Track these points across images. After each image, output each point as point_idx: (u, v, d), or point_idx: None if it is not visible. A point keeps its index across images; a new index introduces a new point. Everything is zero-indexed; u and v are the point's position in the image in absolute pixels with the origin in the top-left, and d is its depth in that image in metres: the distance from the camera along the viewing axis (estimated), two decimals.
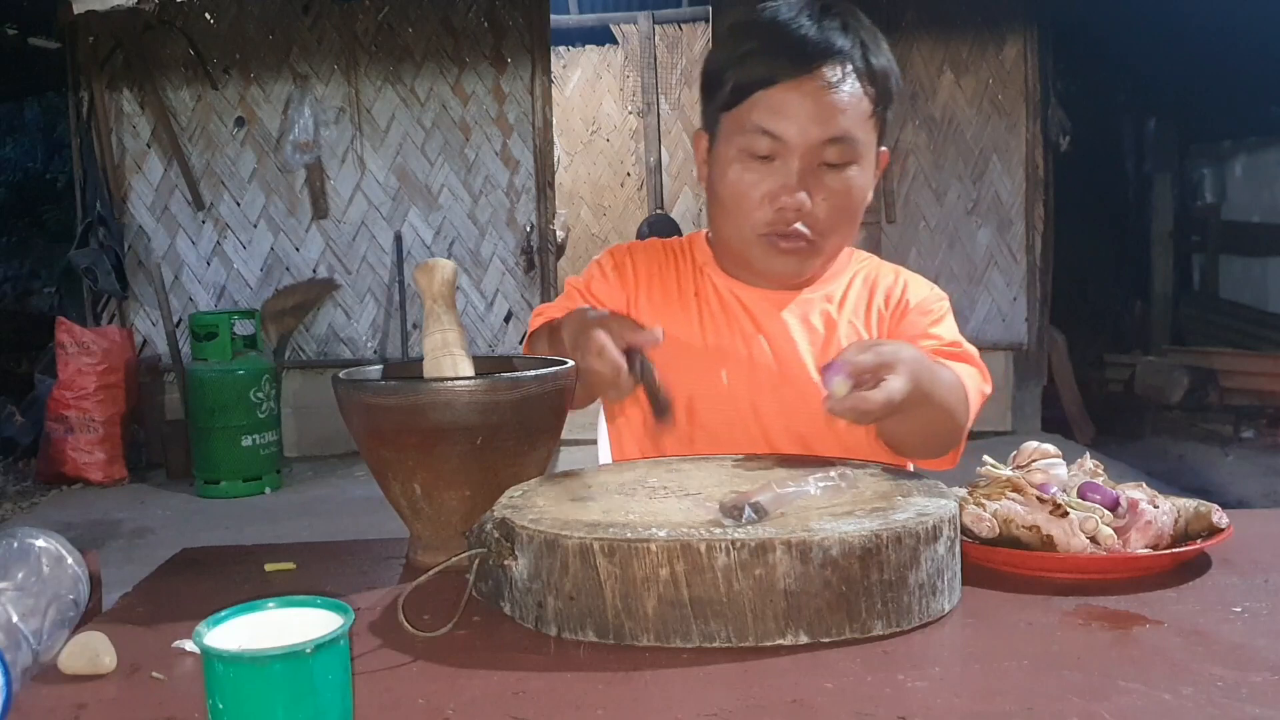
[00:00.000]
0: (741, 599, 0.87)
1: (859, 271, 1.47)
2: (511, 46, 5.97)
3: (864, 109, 1.30)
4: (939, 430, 1.28)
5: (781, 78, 1.27)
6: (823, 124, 1.27)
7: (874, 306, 1.44)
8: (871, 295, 1.45)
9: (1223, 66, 6.43)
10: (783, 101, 1.27)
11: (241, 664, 0.69)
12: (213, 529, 4.61)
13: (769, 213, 1.31)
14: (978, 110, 6.08)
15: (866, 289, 1.45)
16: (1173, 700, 0.77)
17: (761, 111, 1.28)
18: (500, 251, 6.08)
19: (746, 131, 1.29)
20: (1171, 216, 7.97)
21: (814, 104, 1.27)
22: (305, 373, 5.93)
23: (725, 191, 1.34)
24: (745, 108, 1.29)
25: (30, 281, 8.55)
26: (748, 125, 1.29)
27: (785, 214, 1.30)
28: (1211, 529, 1.09)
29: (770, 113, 1.28)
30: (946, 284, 6.13)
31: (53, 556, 0.97)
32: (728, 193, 1.34)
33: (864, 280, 1.46)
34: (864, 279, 1.46)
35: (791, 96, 1.27)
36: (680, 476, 1.13)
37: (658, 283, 1.46)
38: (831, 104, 1.27)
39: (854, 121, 1.29)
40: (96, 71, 5.78)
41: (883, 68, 1.31)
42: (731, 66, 1.32)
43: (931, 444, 1.32)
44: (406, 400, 1.09)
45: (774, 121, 1.27)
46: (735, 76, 1.30)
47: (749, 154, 1.30)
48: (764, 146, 1.29)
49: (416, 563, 1.16)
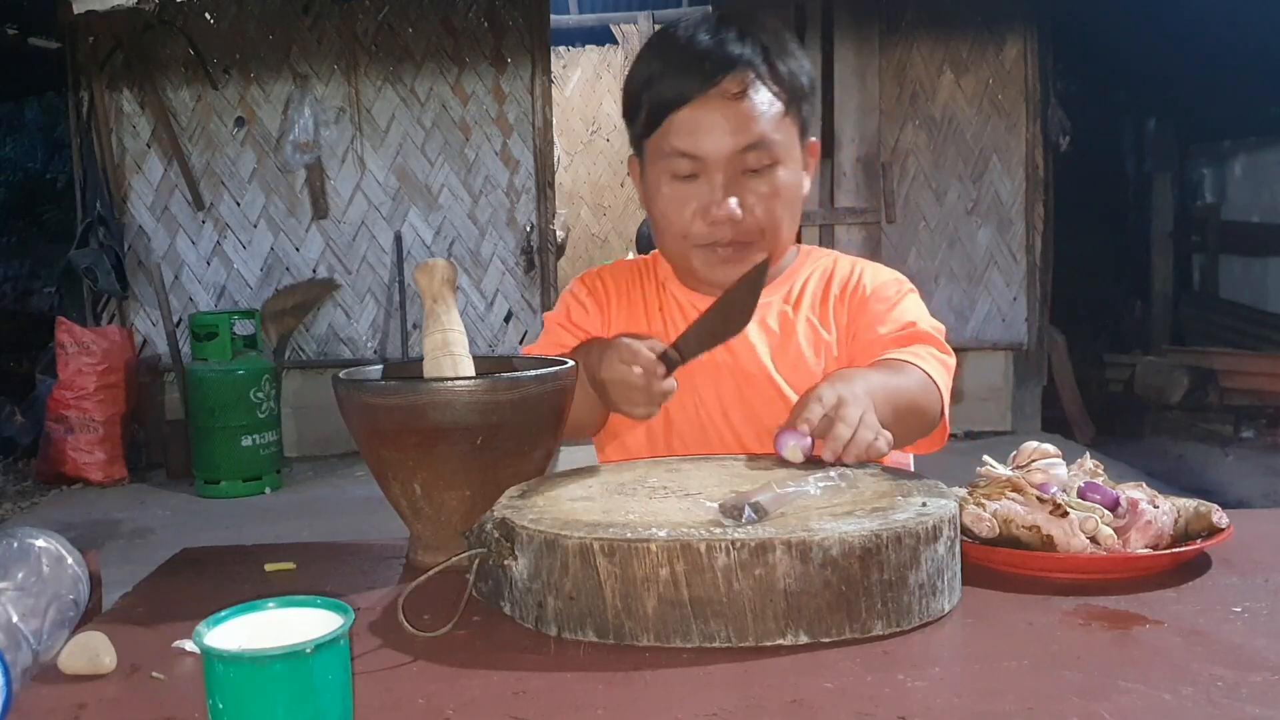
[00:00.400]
0: (741, 599, 0.87)
1: (816, 269, 1.50)
2: (511, 46, 5.97)
3: (776, 111, 1.32)
4: (914, 425, 1.31)
5: (689, 97, 1.30)
6: (736, 134, 1.30)
7: (830, 298, 1.46)
8: (828, 288, 1.47)
9: (1223, 66, 6.43)
10: (694, 120, 1.31)
11: (241, 664, 0.69)
12: (213, 529, 4.61)
13: (703, 226, 1.35)
14: (978, 110, 6.08)
15: (823, 283, 1.48)
16: (1173, 700, 0.77)
17: (676, 134, 1.32)
18: (500, 251, 6.08)
19: (667, 155, 1.34)
20: (1171, 216, 7.97)
21: (724, 117, 1.30)
22: (305, 373, 5.93)
23: (658, 212, 1.39)
24: (661, 133, 1.34)
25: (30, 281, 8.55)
26: (666, 149, 1.34)
27: (719, 227, 1.34)
28: (1211, 529, 1.09)
29: (684, 134, 1.31)
30: (946, 284, 6.11)
31: (53, 556, 0.97)
32: (660, 213, 1.38)
33: (821, 276, 1.49)
34: (821, 274, 1.49)
35: (701, 114, 1.30)
36: (680, 476, 1.13)
37: (626, 302, 1.51)
38: (741, 113, 1.30)
39: (768, 125, 1.31)
40: (96, 71, 5.78)
41: (789, 69, 1.34)
42: (641, 93, 1.36)
43: (912, 436, 1.34)
44: (406, 400, 1.09)
45: (689, 142, 1.31)
46: (646, 103, 1.35)
47: (673, 175, 1.34)
48: (685, 167, 1.33)
49: (416, 563, 1.16)
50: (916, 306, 1.45)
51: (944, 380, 1.36)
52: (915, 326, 1.39)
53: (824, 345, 1.44)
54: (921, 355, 1.35)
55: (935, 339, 1.39)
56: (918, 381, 1.31)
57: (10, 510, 5.05)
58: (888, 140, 6.07)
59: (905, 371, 1.31)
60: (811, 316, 1.45)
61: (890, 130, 6.07)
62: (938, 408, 1.34)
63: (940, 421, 1.36)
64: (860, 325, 1.43)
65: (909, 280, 1.50)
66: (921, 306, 1.46)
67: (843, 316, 1.45)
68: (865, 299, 1.44)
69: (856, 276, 1.47)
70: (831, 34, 5.98)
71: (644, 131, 1.36)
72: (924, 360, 1.34)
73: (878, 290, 1.45)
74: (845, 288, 1.46)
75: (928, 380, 1.32)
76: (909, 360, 1.33)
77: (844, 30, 6.00)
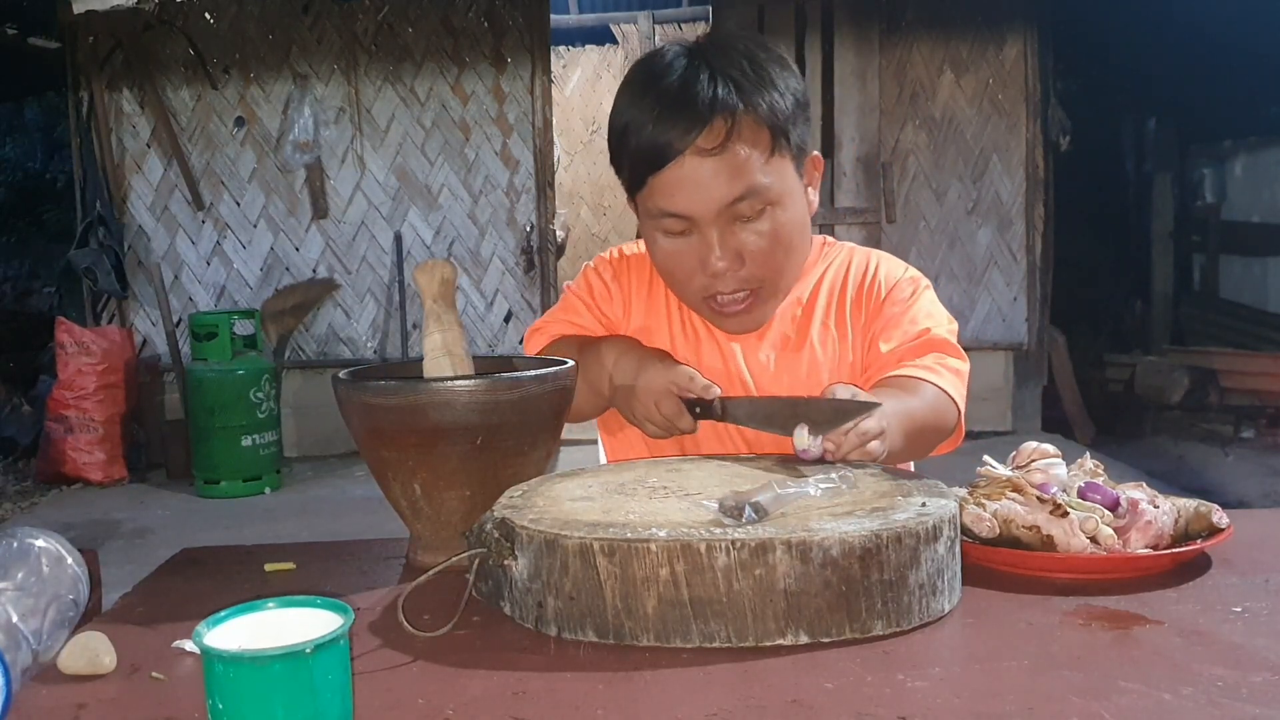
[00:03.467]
0: (741, 599, 0.87)
1: (831, 264, 1.47)
2: (511, 46, 5.97)
3: (760, 153, 1.24)
4: (927, 443, 1.31)
5: (666, 157, 1.23)
6: (722, 189, 1.24)
7: (847, 297, 1.44)
8: (845, 285, 1.45)
9: (1223, 66, 6.44)
10: (676, 181, 1.24)
11: (241, 664, 0.69)
12: (213, 529, 4.60)
13: (704, 279, 1.31)
14: (978, 110, 6.08)
15: (839, 280, 1.45)
16: (1173, 700, 0.77)
17: (660, 196, 1.27)
18: (500, 251, 6.08)
19: (654, 216, 1.30)
20: (1171, 216, 7.98)
21: (707, 173, 1.23)
22: (305, 373, 5.93)
23: (658, 263, 1.36)
24: (646, 193, 1.29)
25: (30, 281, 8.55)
26: (653, 210, 1.29)
27: (720, 279, 1.30)
28: (1211, 529, 1.09)
29: (668, 195, 1.26)
30: (946, 284, 6.10)
31: (53, 556, 0.97)
32: (661, 264, 1.36)
33: (837, 272, 1.46)
34: (837, 271, 1.46)
35: (682, 173, 1.24)
36: (680, 476, 1.13)
37: (647, 294, 1.48)
38: (724, 167, 1.23)
39: (755, 170, 1.24)
40: (96, 71, 5.78)
41: (769, 100, 1.24)
42: (620, 147, 1.30)
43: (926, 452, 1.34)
44: (406, 400, 1.09)
45: (674, 203, 1.26)
46: (627, 164, 1.30)
47: (665, 233, 1.31)
48: (675, 225, 1.29)
49: (416, 563, 1.16)
50: (931, 306, 1.42)
51: (958, 389, 1.34)
52: (929, 334, 1.37)
53: (839, 348, 1.42)
54: (934, 369, 1.33)
55: (949, 344, 1.37)
56: (931, 399, 1.29)
57: (10, 510, 5.05)
58: (888, 140, 6.07)
59: (918, 391, 1.29)
60: (829, 320, 1.43)
61: (890, 130, 6.07)
62: (953, 419, 1.33)
63: (955, 433, 1.35)
64: (875, 330, 1.41)
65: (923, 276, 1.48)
66: (936, 305, 1.43)
67: (859, 317, 1.43)
68: (881, 302, 1.42)
69: (872, 273, 1.44)
70: (831, 34, 5.98)
71: (630, 189, 1.33)
72: (937, 375, 1.32)
73: (893, 292, 1.42)
74: (861, 286, 1.44)
75: (941, 395, 1.31)
76: (921, 377, 1.31)
77: (844, 30, 6.00)
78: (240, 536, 4.38)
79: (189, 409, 5.35)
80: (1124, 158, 8.42)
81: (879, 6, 6.00)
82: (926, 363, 1.33)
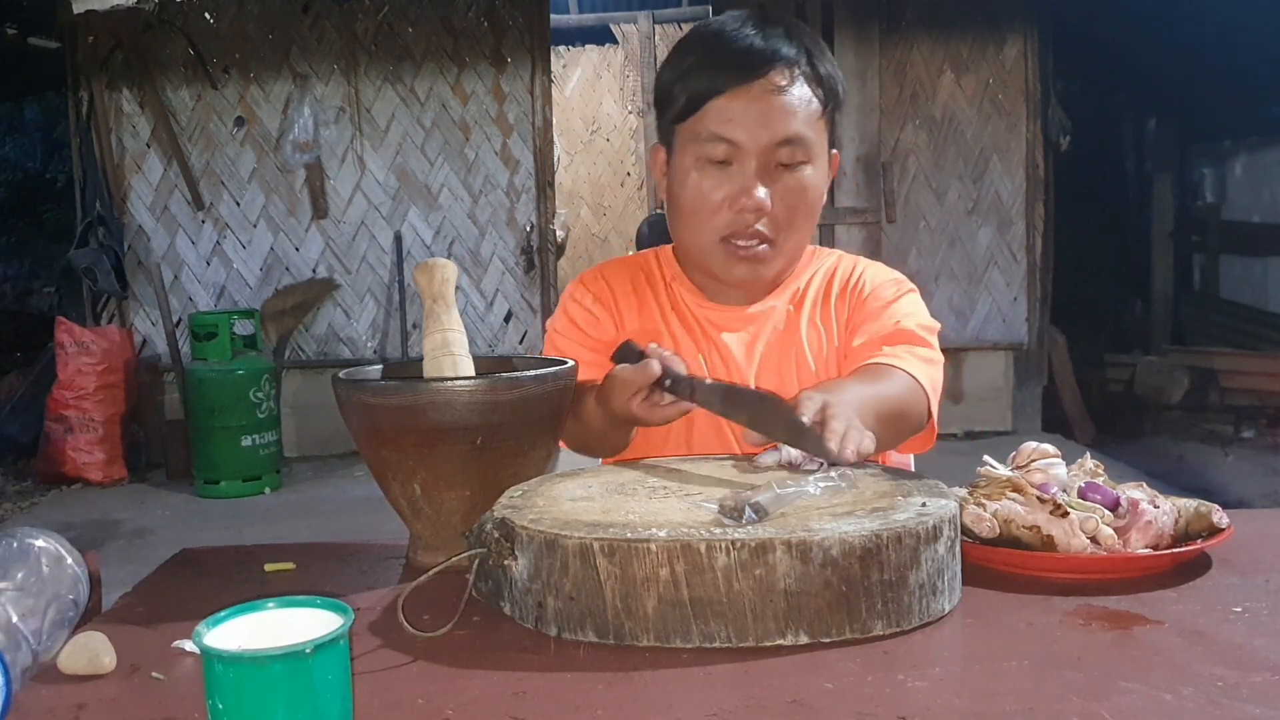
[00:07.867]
0: (741, 599, 0.87)
1: (820, 268, 1.50)
2: (511, 46, 5.97)
3: (813, 110, 1.33)
4: (900, 429, 1.32)
5: (731, 85, 1.31)
6: (774, 126, 1.31)
7: (832, 297, 1.47)
8: (829, 287, 1.48)
9: (1223, 66, 6.44)
10: (734, 108, 1.31)
11: (241, 664, 0.69)
12: (213, 529, 4.60)
13: (729, 215, 1.35)
14: (978, 110, 6.08)
15: (825, 282, 1.49)
16: (1173, 700, 0.77)
17: (714, 119, 1.32)
18: (500, 251, 6.07)
19: (702, 140, 1.33)
20: (1171, 216, 7.98)
21: (764, 108, 1.31)
22: (305, 373, 5.92)
23: (686, 199, 1.38)
24: (699, 117, 1.33)
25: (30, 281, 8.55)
26: (702, 134, 1.33)
27: (745, 215, 1.34)
28: (1211, 529, 1.09)
29: (723, 119, 1.32)
30: (946, 284, 6.10)
31: (53, 556, 0.97)
32: (688, 200, 1.37)
33: (824, 275, 1.50)
34: (824, 274, 1.50)
35: (742, 103, 1.31)
36: (680, 476, 1.13)
37: (635, 301, 1.50)
38: (781, 107, 1.31)
39: (804, 123, 1.32)
40: (96, 71, 5.77)
41: (828, 72, 1.35)
42: (681, 79, 1.36)
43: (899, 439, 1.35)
44: (406, 400, 1.09)
45: (727, 127, 1.32)
46: (687, 88, 1.34)
47: (706, 160, 1.34)
48: (720, 152, 1.33)
49: (416, 563, 1.16)
50: (912, 306, 1.45)
51: (929, 378, 1.35)
52: (900, 325, 1.39)
53: (826, 346, 1.45)
54: (903, 356, 1.35)
55: (919, 337, 1.39)
56: (901, 385, 1.31)
57: (10, 510, 5.05)
58: (888, 140, 6.07)
59: (888, 376, 1.31)
60: (815, 317, 1.46)
61: (890, 130, 6.07)
62: (924, 407, 1.34)
63: (929, 421, 1.36)
64: (854, 324, 1.44)
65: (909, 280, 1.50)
66: (919, 306, 1.46)
67: (843, 314, 1.46)
68: (863, 299, 1.45)
69: (857, 275, 1.48)
70: (831, 34, 5.98)
71: (680, 116, 1.36)
72: (905, 361, 1.34)
73: (876, 290, 1.46)
74: (846, 286, 1.47)
75: (911, 381, 1.32)
76: (890, 363, 1.33)
77: (844, 30, 6.00)
78: (240, 537, 4.38)
79: (189, 409, 5.35)
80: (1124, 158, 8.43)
81: (879, 6, 6.00)
82: (895, 351, 1.36)
